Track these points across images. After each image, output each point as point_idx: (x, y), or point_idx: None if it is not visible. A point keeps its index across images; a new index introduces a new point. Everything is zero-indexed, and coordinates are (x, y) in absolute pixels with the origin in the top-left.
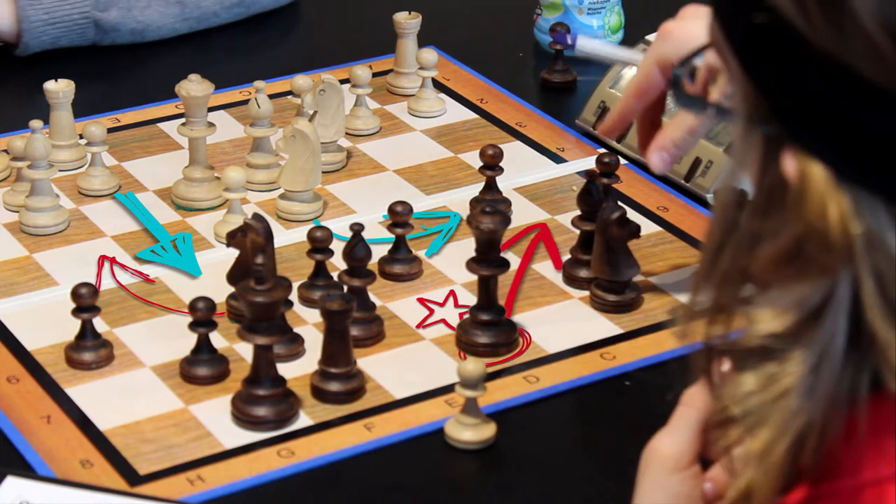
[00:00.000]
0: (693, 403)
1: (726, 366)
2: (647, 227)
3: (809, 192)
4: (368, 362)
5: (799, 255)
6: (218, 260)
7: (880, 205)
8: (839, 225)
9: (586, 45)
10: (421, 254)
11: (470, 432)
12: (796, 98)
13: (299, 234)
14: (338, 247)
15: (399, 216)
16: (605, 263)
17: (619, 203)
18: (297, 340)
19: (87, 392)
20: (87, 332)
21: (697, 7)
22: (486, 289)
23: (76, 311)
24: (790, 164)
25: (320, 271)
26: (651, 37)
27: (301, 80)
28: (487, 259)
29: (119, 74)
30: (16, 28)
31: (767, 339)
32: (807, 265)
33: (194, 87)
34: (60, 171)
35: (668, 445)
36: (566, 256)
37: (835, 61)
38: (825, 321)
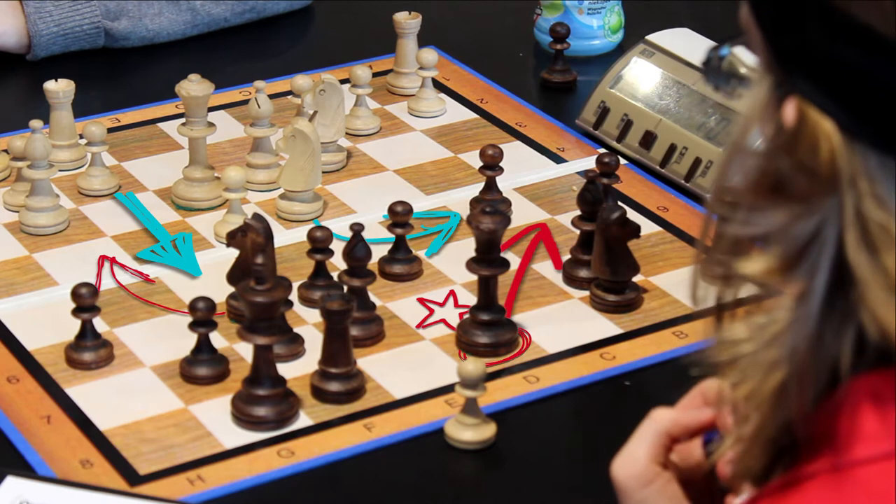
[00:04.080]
0: (654, 417)
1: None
2: (647, 227)
3: (804, 131)
4: (368, 362)
5: (784, 183)
6: (218, 260)
7: (871, 151)
8: (828, 159)
9: None
10: (421, 254)
11: (470, 432)
12: (799, 44)
13: (299, 234)
14: (338, 247)
15: (399, 216)
16: (604, 263)
17: (619, 203)
18: (297, 340)
19: (87, 392)
20: (87, 332)
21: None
22: (486, 289)
23: (76, 311)
24: (790, 109)
25: (320, 271)
26: (651, 37)
27: (301, 80)
28: (487, 259)
29: (122, 76)
30: (26, 41)
31: (756, 280)
32: (790, 193)
33: (194, 87)
34: (60, 171)
35: (621, 467)
36: (566, 256)
37: (838, 9)
38: (808, 259)
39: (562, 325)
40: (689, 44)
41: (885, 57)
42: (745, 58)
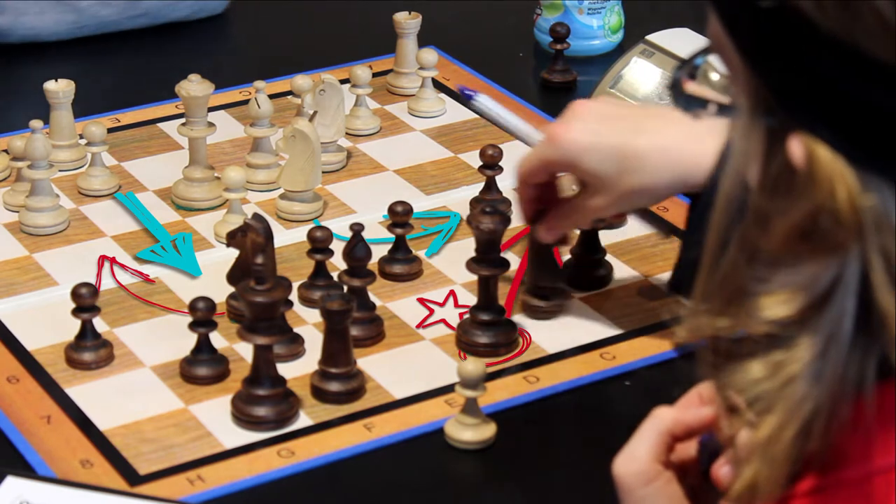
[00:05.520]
0: (657, 415)
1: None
2: (647, 227)
3: (818, 174)
4: (368, 362)
5: (812, 230)
6: (218, 260)
7: (887, 185)
8: (848, 202)
9: (487, 104)
10: (421, 254)
11: (470, 432)
12: (803, 83)
13: (299, 234)
14: (338, 247)
15: (399, 216)
16: (533, 268)
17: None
18: (297, 340)
19: (87, 392)
20: (87, 332)
21: (584, 104)
22: (486, 289)
23: (76, 311)
24: (797, 149)
25: (320, 271)
26: (651, 37)
27: (301, 80)
28: (487, 259)
29: (122, 72)
30: None
31: (774, 326)
32: (819, 241)
33: (194, 87)
34: (60, 171)
35: (623, 465)
36: (566, 256)
37: (843, 43)
38: (833, 304)
39: (562, 325)
40: (689, 44)
41: (889, 87)
42: (719, 81)
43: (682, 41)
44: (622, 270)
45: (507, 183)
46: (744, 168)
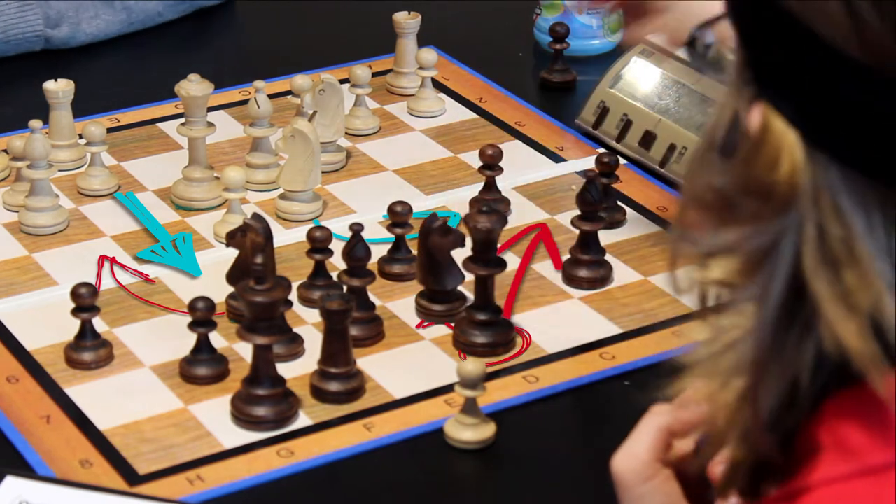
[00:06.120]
0: (655, 412)
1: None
2: (647, 227)
3: (766, 143)
4: (368, 362)
5: (732, 203)
6: (218, 260)
7: (834, 165)
8: (789, 171)
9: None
10: None
11: (469, 432)
12: (773, 55)
13: (299, 234)
14: (337, 247)
15: (399, 216)
16: (427, 273)
17: (619, 203)
18: (297, 340)
19: (86, 392)
20: (86, 332)
21: None
22: (483, 288)
23: (76, 311)
24: (755, 116)
25: (320, 271)
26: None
27: (301, 80)
28: (484, 259)
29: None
30: None
31: (717, 286)
32: (737, 213)
33: (194, 86)
34: (60, 170)
35: (621, 462)
36: (566, 256)
37: (802, 24)
38: (764, 269)
39: (561, 325)
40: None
41: (847, 69)
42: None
43: None
44: (622, 270)
45: (506, 183)
46: (721, 121)
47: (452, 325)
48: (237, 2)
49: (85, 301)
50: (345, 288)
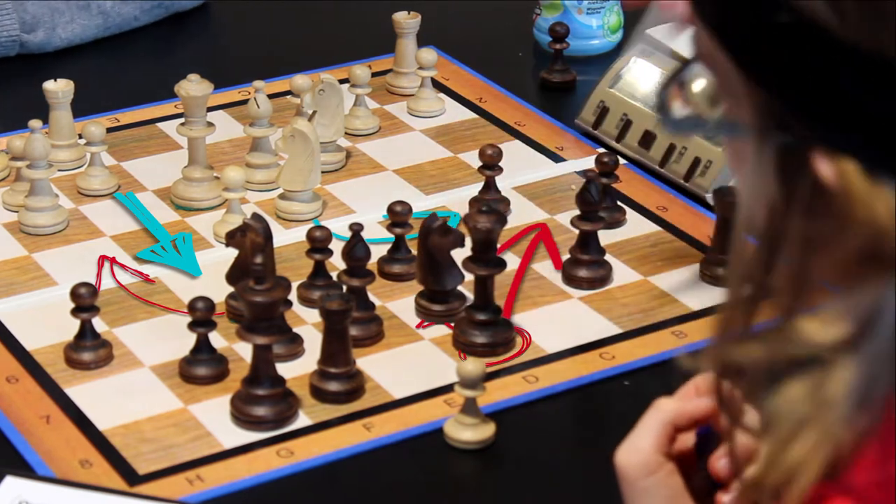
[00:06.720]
0: (659, 406)
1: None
2: (647, 227)
3: (853, 193)
4: (368, 362)
5: (873, 253)
6: (218, 260)
7: None
8: (890, 220)
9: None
10: None
11: (469, 432)
12: (826, 98)
13: (299, 234)
14: (337, 247)
15: (399, 216)
16: (427, 273)
17: (619, 203)
18: (297, 340)
19: (86, 392)
20: (86, 332)
21: None
22: (483, 288)
23: (76, 311)
24: (825, 168)
25: (320, 271)
26: (651, 31)
27: (300, 80)
28: (484, 258)
29: (117, 75)
30: None
31: (818, 349)
32: (879, 264)
33: (193, 86)
34: (60, 170)
35: (625, 456)
36: (566, 256)
37: (867, 52)
38: (881, 325)
39: (561, 324)
40: (689, 38)
41: None
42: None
43: (682, 37)
44: (622, 270)
45: (506, 182)
46: (758, 189)
47: (452, 325)
48: (238, 1)
49: (85, 301)
50: (344, 288)
